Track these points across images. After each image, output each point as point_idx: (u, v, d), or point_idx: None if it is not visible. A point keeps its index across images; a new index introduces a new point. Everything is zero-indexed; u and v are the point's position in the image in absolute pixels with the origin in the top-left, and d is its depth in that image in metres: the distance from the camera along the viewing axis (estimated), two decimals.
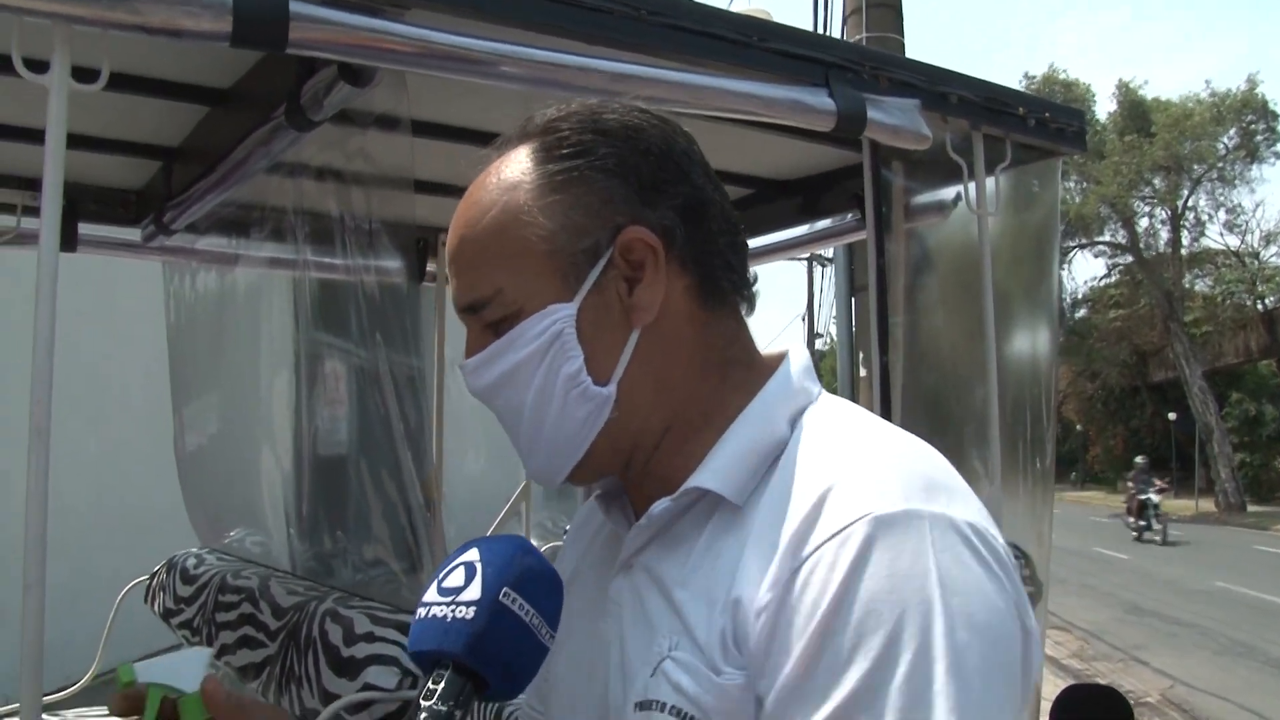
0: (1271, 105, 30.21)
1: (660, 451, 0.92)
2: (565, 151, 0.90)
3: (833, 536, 0.77)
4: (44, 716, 2.75)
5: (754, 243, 3.66)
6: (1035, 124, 2.61)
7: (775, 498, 0.83)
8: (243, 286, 2.81)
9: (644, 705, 0.83)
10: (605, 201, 0.89)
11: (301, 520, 2.54)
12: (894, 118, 2.23)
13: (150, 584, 2.84)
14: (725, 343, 0.94)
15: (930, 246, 3.12)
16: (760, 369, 0.94)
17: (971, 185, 2.50)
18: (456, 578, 0.80)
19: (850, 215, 3.18)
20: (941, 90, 2.40)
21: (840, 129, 2.16)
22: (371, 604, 1.89)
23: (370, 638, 1.73)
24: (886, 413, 2.22)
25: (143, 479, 5.63)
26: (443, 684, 0.75)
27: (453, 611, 0.77)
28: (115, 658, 3.26)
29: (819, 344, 38.74)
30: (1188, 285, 32.82)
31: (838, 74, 2.15)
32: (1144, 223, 32.96)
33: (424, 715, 0.74)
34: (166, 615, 2.66)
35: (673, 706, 0.81)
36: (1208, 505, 29.67)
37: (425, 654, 0.78)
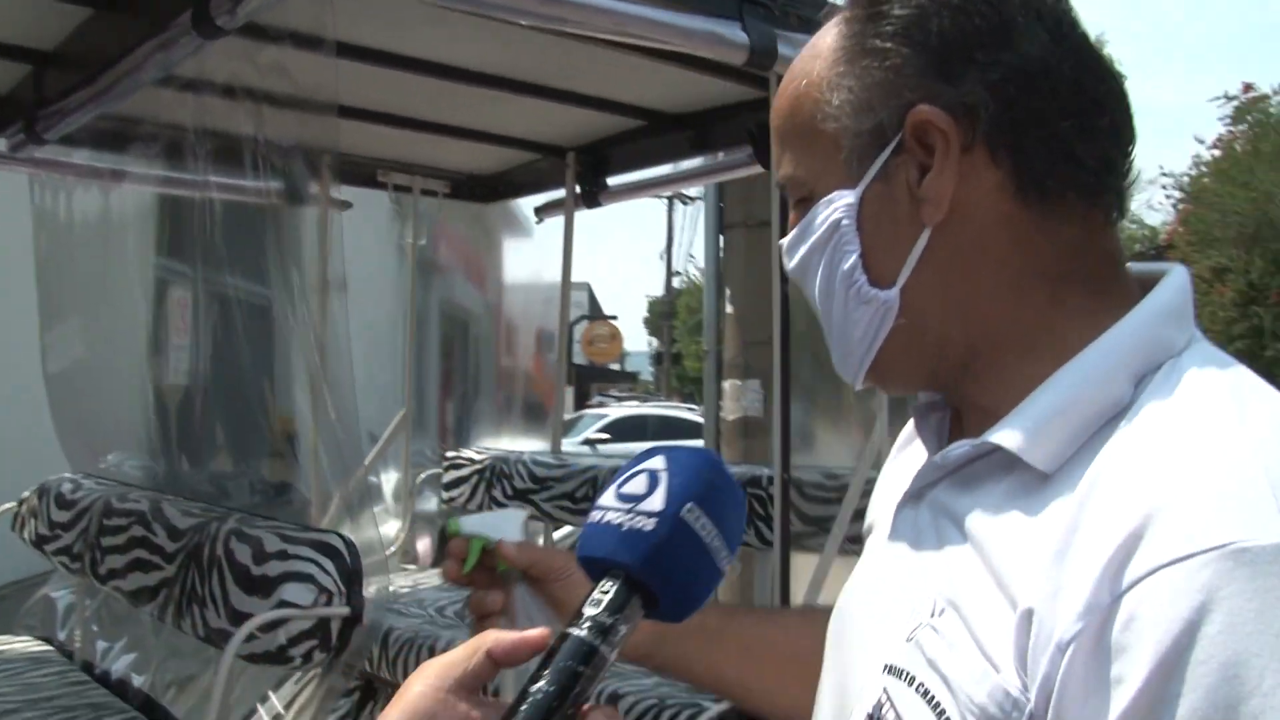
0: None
1: (971, 377, 0.79)
2: (861, 14, 0.78)
3: (1174, 563, 0.59)
4: None
5: (642, 175, 3.71)
6: None
7: (1096, 483, 0.67)
8: (122, 204, 2.70)
9: (893, 670, 0.74)
10: (894, 74, 0.75)
11: (186, 444, 2.49)
12: None
13: (18, 511, 2.75)
14: (1058, 254, 0.75)
15: None
16: (1116, 295, 0.75)
17: None
18: (638, 485, 0.74)
19: (742, 151, 3.24)
20: None
21: (751, 62, 2.21)
22: (278, 523, 1.88)
23: (283, 555, 1.74)
24: (786, 341, 2.29)
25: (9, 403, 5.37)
26: (610, 594, 0.70)
27: (630, 520, 0.72)
28: None
29: (676, 282, 39.13)
30: None
31: (751, 8, 2.19)
32: None
33: (587, 625, 0.69)
34: (40, 542, 2.59)
35: (921, 685, 0.71)
36: None
37: (596, 561, 0.73)
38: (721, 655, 1.06)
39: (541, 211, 4.03)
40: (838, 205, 0.78)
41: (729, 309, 5.73)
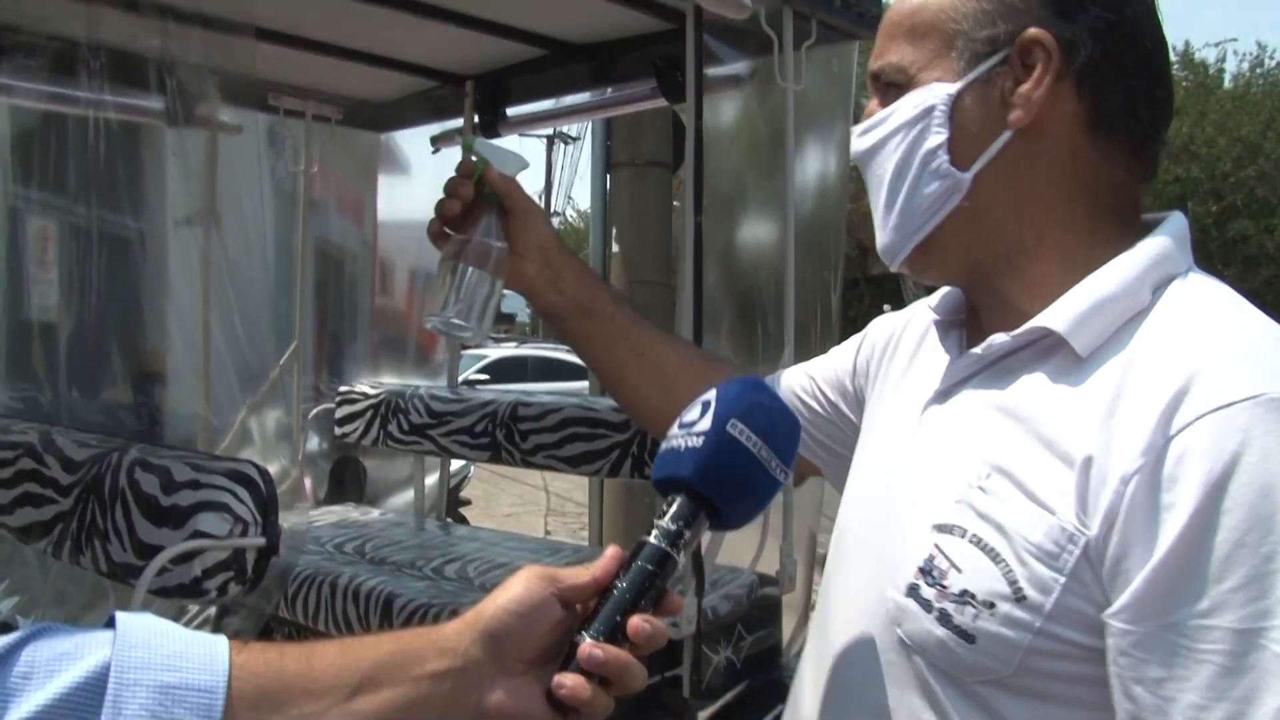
0: None
1: (1011, 271, 0.93)
2: None
3: (1217, 410, 0.74)
4: None
5: (541, 106, 3.65)
6: (840, 5, 2.72)
7: (1134, 359, 0.82)
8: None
9: (943, 528, 0.85)
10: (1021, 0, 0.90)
11: (73, 378, 2.37)
12: None
13: None
14: (1101, 187, 0.91)
15: (721, 119, 3.20)
16: (1135, 231, 0.91)
17: (781, 60, 2.59)
18: (693, 413, 0.85)
19: (645, 84, 3.21)
20: None
21: None
22: (186, 453, 1.81)
23: (195, 485, 1.67)
24: (698, 274, 2.29)
25: None
26: (675, 506, 0.82)
27: (686, 441, 0.83)
28: None
29: (555, 223, 38.80)
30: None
31: None
32: None
33: (655, 533, 0.80)
34: None
35: (974, 535, 0.83)
36: None
37: (661, 481, 0.84)
38: (620, 351, 1.27)
39: (438, 140, 3.92)
40: (937, 93, 0.91)
41: (614, 248, 5.75)
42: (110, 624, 0.69)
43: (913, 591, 0.86)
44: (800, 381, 1.26)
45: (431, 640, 0.77)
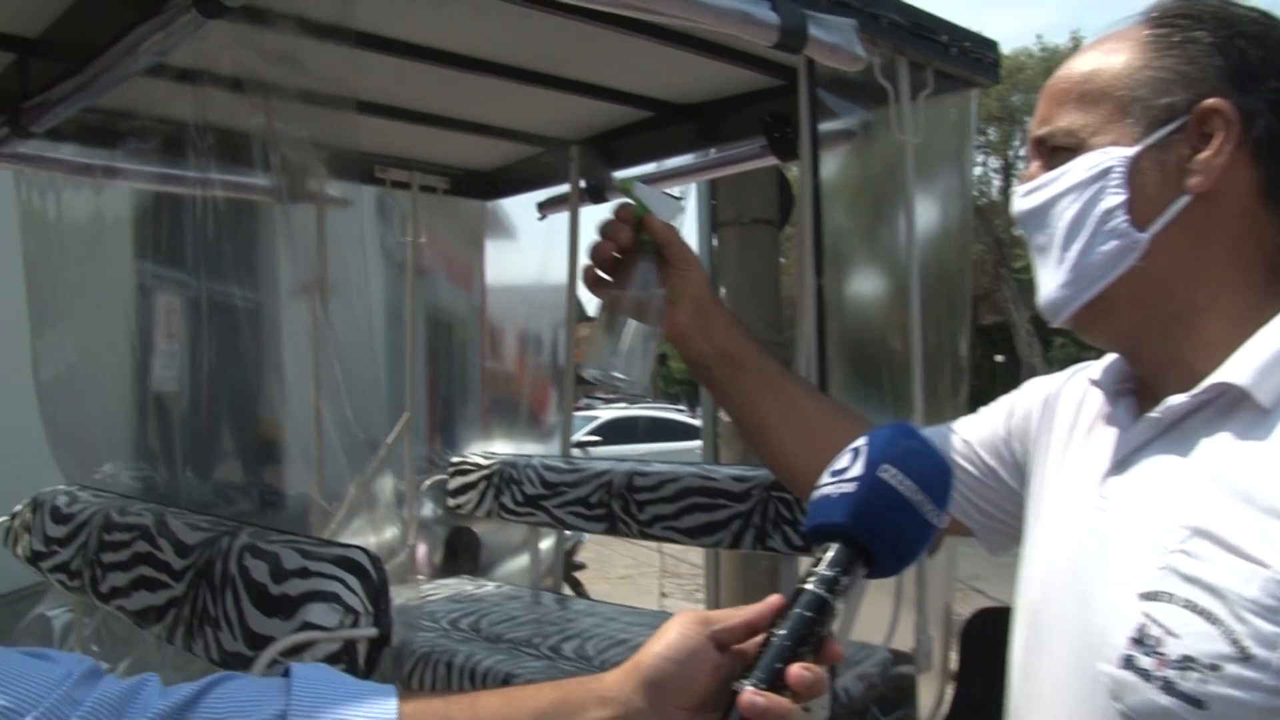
0: None
1: (1182, 331, 0.94)
2: (1171, 22, 0.95)
3: None
4: None
5: (647, 169, 3.60)
6: (957, 52, 2.61)
7: None
8: (107, 203, 2.56)
9: (1150, 596, 0.84)
10: (1199, 70, 0.93)
11: (183, 453, 2.36)
12: (833, 36, 2.18)
13: (11, 525, 2.61)
14: (1275, 249, 0.93)
15: (833, 173, 3.10)
16: None
17: (898, 110, 2.49)
18: (844, 460, 0.85)
19: (754, 142, 3.14)
20: (873, 12, 2.36)
21: (782, 44, 2.10)
22: (295, 537, 1.75)
23: (304, 573, 1.61)
24: (822, 336, 2.19)
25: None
26: (830, 553, 0.82)
27: (838, 488, 0.83)
28: None
29: None
30: (1018, 232, 34.18)
31: None
32: (978, 170, 34.18)
33: (812, 580, 0.80)
34: (35, 559, 2.44)
35: (1185, 599, 0.82)
36: None
37: (814, 529, 0.84)
38: (765, 402, 1.26)
39: (545, 207, 3.92)
40: (1113, 155, 0.94)
41: None
42: (286, 674, 0.73)
43: (1128, 663, 0.84)
44: (953, 442, 1.25)
45: (592, 689, 0.79)
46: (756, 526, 2.74)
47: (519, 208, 4.53)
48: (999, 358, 34.97)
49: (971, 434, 1.24)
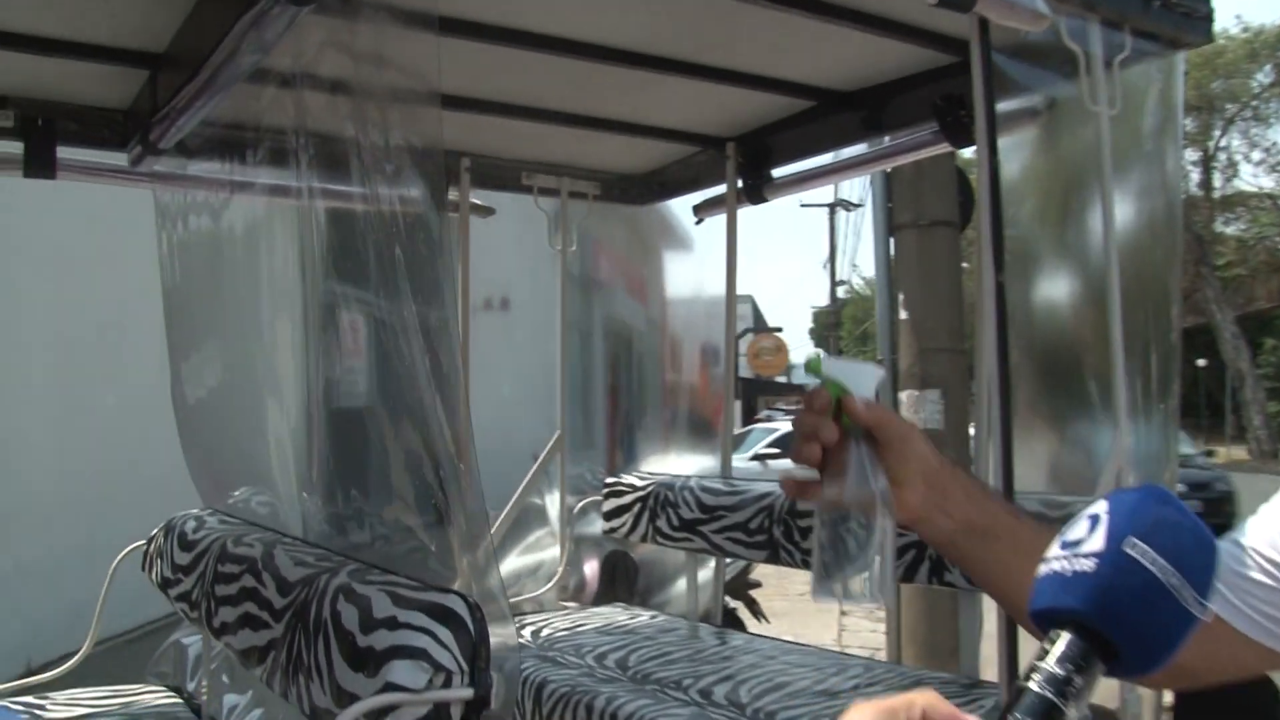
0: None
1: None
2: None
3: None
4: (30, 699, 2.46)
5: (809, 165, 3.31)
6: (1159, 6, 2.22)
7: None
8: (243, 218, 2.47)
9: None
10: None
11: (313, 479, 2.22)
12: None
13: (148, 550, 2.53)
14: None
15: (1017, 158, 2.75)
16: None
17: (1090, 79, 2.11)
18: (1080, 530, 0.73)
19: (924, 129, 2.81)
20: None
21: (950, 1, 1.79)
22: (393, 578, 1.55)
23: (393, 624, 1.39)
24: (1003, 339, 1.86)
25: (160, 435, 5.38)
26: (1060, 645, 0.69)
27: (1072, 564, 0.72)
28: (111, 628, 2.97)
29: (840, 292, 38.28)
30: (1219, 228, 32.09)
31: None
32: None
33: (1036, 678, 0.67)
34: (164, 585, 2.35)
35: None
36: (1239, 453, 29.18)
37: (1042, 612, 0.72)
38: (1027, 569, 0.94)
39: (701, 210, 3.70)
40: None
41: (902, 315, 5.40)
42: None
43: None
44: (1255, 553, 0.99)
45: None
46: (932, 558, 2.42)
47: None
48: (1201, 361, 32.73)
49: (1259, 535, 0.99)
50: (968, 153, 3.54)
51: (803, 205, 35.96)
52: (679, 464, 5.51)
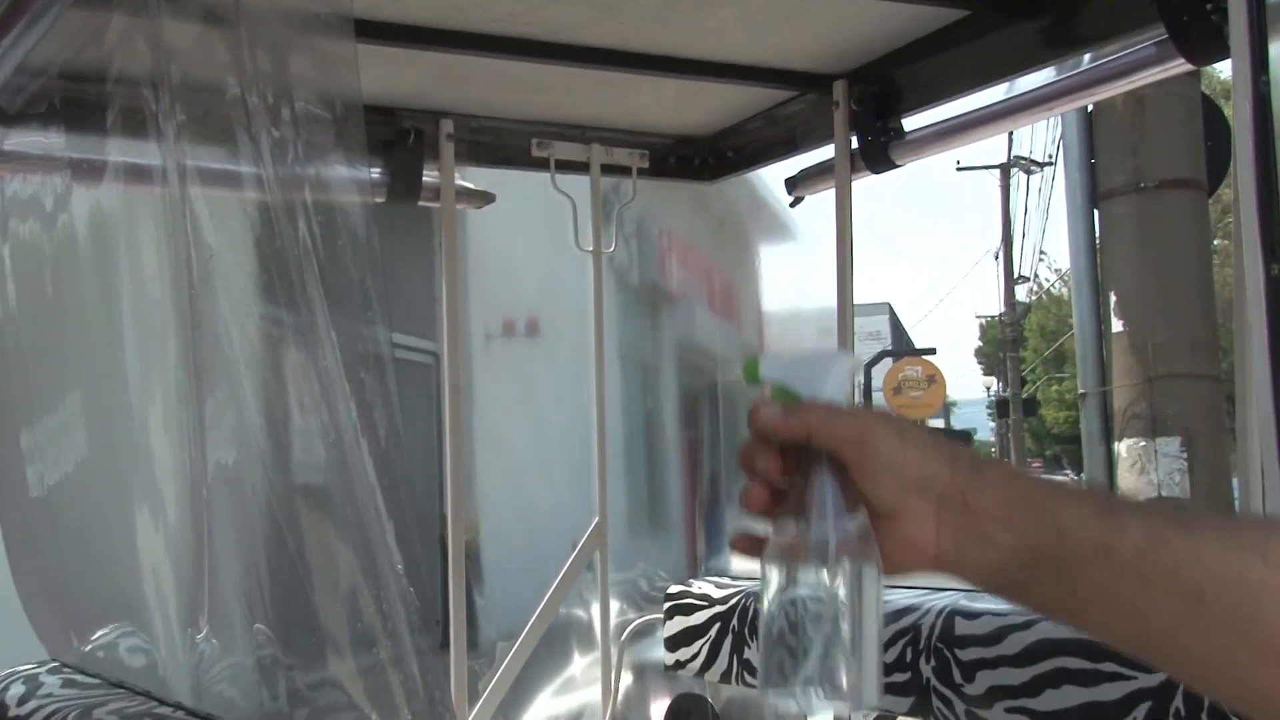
0: None
1: None
2: None
3: None
4: None
5: (963, 107, 3.26)
6: None
7: None
8: (89, 216, 2.47)
9: None
10: None
11: (206, 611, 2.15)
12: None
13: None
14: None
15: None
16: None
17: None
18: None
19: (1140, 39, 2.69)
20: None
21: None
22: None
23: None
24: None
25: None
26: None
27: None
28: None
29: (1021, 293, 38.03)
30: None
31: None
32: None
33: None
34: None
35: None
36: None
37: None
38: (1169, 607, 1.03)
39: (798, 185, 3.67)
40: None
41: (1117, 325, 5.44)
42: None
43: None
44: None
45: None
46: (1179, 716, 2.25)
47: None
48: None
49: None
50: (1222, 71, 3.44)
51: (960, 168, 35.99)
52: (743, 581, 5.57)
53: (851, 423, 1.08)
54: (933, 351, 28.86)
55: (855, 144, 3.31)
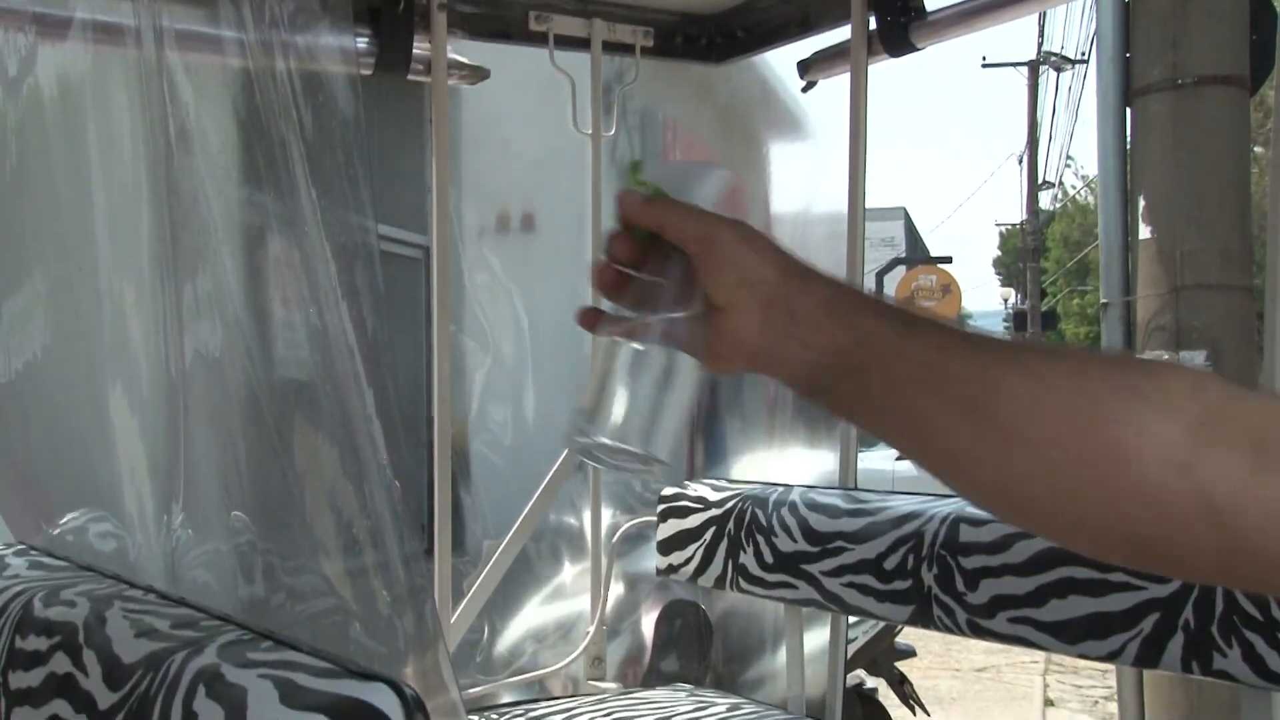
0: None
1: None
2: None
3: None
4: None
5: None
6: None
7: None
8: (55, 81, 2.44)
9: None
10: None
11: (182, 498, 2.17)
12: None
13: None
14: None
15: None
16: None
17: None
18: None
19: None
20: None
21: None
22: (290, 656, 1.47)
23: None
24: None
25: None
26: None
27: None
28: None
29: (1045, 200, 37.79)
30: None
31: None
32: None
33: None
34: None
35: None
36: None
37: None
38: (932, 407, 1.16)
39: (811, 68, 3.68)
40: None
41: (1144, 232, 5.46)
42: None
43: None
44: None
45: None
46: (1189, 629, 2.30)
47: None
48: None
49: None
50: None
51: (985, 65, 35.57)
52: (784, 466, 5.47)
53: (702, 221, 1.21)
54: (949, 260, 28.81)
55: (874, 24, 3.32)
